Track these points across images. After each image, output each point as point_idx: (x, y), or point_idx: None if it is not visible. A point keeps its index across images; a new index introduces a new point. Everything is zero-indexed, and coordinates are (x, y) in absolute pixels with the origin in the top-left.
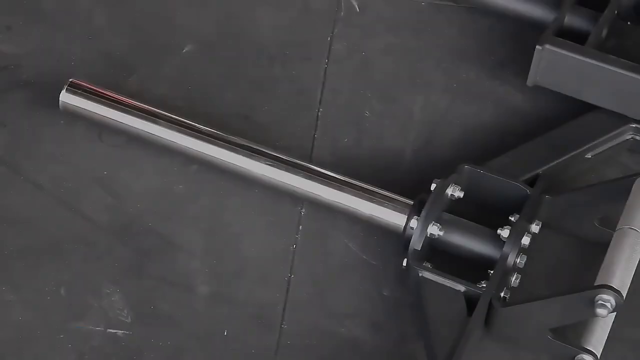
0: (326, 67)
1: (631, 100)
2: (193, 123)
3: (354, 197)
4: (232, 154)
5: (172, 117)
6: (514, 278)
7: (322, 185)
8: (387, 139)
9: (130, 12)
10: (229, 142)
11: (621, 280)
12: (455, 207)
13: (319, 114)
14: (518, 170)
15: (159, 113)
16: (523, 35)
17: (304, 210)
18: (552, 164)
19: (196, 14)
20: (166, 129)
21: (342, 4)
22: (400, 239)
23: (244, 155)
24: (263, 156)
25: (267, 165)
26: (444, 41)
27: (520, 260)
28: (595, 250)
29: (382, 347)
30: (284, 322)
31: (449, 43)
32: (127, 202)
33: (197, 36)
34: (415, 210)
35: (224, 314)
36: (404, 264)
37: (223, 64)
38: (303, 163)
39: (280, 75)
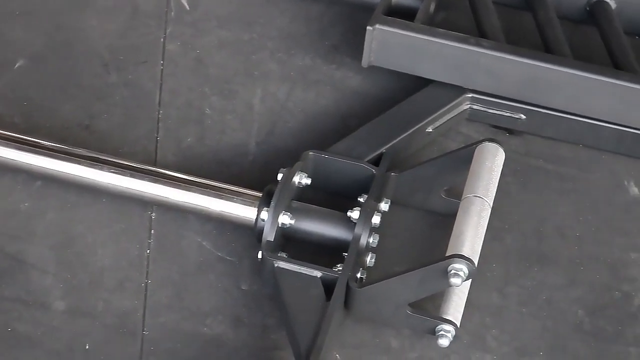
0: (162, 69)
1: (464, 71)
2: (32, 139)
3: (203, 196)
4: (76, 165)
5: (10, 135)
6: (368, 258)
7: (169, 188)
8: (229, 134)
9: None
10: (71, 154)
11: (471, 248)
12: (304, 195)
13: (160, 116)
14: (362, 151)
15: None
16: (354, 17)
17: (154, 214)
18: (394, 142)
19: (25, 28)
20: (5, 148)
21: (172, 3)
22: (253, 231)
23: (87, 165)
24: (107, 165)
25: (112, 174)
26: (276, 31)
27: (373, 240)
28: (445, 222)
29: (245, 341)
30: (145, 329)
31: (281, 32)
32: None
33: (29, 50)
34: (264, 202)
35: (84, 328)
36: (259, 256)
37: (58, 75)
38: (148, 167)
39: (117, 81)
